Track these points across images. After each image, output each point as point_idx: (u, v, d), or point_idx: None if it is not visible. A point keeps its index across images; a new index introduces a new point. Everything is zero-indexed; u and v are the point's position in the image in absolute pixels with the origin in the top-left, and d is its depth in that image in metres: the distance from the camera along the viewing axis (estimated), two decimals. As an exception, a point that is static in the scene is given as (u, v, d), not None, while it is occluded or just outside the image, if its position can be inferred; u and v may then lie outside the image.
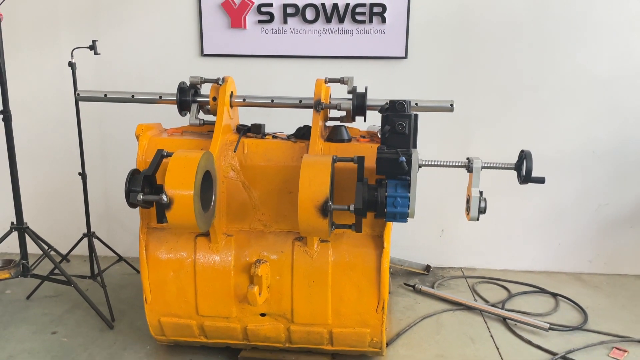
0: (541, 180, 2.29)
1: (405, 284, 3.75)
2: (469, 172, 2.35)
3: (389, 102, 2.37)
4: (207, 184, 2.34)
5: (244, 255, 2.58)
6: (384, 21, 3.67)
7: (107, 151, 4.08)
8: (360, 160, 2.31)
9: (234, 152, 2.59)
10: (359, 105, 2.69)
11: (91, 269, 3.51)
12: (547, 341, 3.04)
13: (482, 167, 2.32)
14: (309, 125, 2.69)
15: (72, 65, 3.24)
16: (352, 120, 2.79)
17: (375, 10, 3.65)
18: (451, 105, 2.77)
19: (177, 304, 2.63)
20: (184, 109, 2.77)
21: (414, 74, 3.76)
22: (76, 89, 3.23)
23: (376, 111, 2.60)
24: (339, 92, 2.90)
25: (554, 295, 3.64)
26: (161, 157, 2.37)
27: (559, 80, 3.75)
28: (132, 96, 2.80)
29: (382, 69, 3.77)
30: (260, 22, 3.75)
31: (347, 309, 2.58)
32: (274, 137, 2.73)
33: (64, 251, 3.76)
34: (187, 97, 2.74)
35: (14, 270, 3.15)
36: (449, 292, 3.61)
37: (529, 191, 3.78)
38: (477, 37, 3.72)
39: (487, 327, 3.21)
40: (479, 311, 3.39)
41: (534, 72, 3.74)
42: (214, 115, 2.71)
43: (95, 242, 3.52)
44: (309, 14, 3.71)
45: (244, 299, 2.56)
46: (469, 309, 3.42)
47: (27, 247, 3.21)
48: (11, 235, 3.21)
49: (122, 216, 4.17)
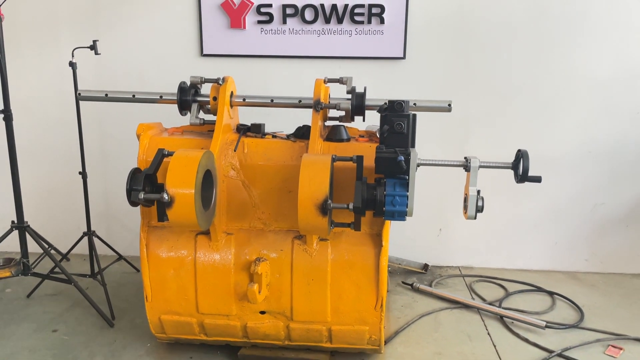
0: (538, 179, 2.32)
1: (403, 283, 3.78)
2: (466, 171, 2.37)
3: (387, 102, 2.39)
4: (207, 182, 2.36)
5: (244, 253, 2.60)
6: (382, 22, 3.69)
7: (106, 151, 4.09)
8: (359, 159, 2.33)
9: (234, 151, 2.61)
10: (358, 105, 2.71)
11: (91, 267, 3.53)
12: (543, 339, 3.07)
13: (480, 167, 2.34)
14: (309, 125, 2.71)
15: (72, 65, 3.25)
16: (351, 120, 2.81)
17: (373, 11, 3.68)
18: (449, 105, 2.79)
19: (178, 301, 2.65)
20: (184, 108, 2.79)
21: (412, 74, 3.79)
22: (77, 88, 3.25)
23: (375, 111, 2.63)
24: (338, 92, 2.92)
25: (551, 293, 3.67)
26: (162, 156, 2.39)
27: (556, 81, 3.77)
28: (133, 96, 2.82)
29: (380, 69, 3.80)
30: (259, 22, 3.77)
31: (346, 307, 2.60)
32: (274, 136, 2.75)
33: (63, 250, 3.77)
34: (188, 96, 2.76)
35: (15, 268, 3.17)
36: (446, 291, 3.64)
37: (526, 191, 3.83)
38: (475, 38, 3.75)
39: (485, 325, 3.23)
40: (476, 309, 3.42)
41: (532, 73, 3.77)
42: (214, 114, 2.73)
43: (95, 240, 3.54)
44: (308, 15, 3.73)
45: (243, 297, 2.58)
46: (467, 307, 3.45)
47: (27, 246, 3.22)
48: (11, 234, 3.22)
49: (122, 215, 4.19)
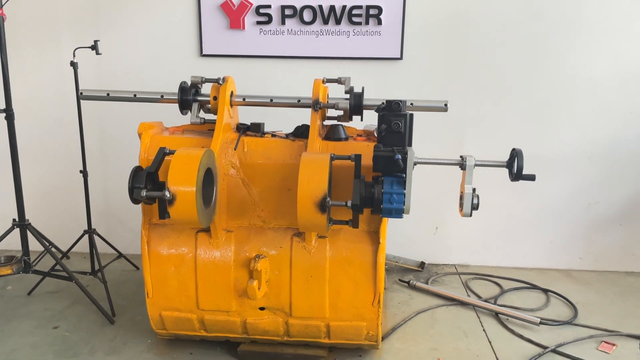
0: (532, 177, 2.37)
1: (400, 280, 3.82)
2: (462, 169, 2.41)
3: (385, 102, 2.44)
4: (208, 180, 2.40)
5: (243, 250, 2.64)
6: (379, 23, 3.74)
7: (106, 150, 4.12)
8: (357, 158, 2.38)
9: (234, 150, 2.65)
10: (356, 104, 2.75)
11: (92, 265, 3.56)
12: (538, 335, 3.12)
13: (475, 165, 2.39)
14: (307, 124, 2.75)
15: (74, 64, 3.29)
16: (349, 119, 2.86)
17: (371, 12, 3.72)
18: (445, 105, 2.84)
19: (178, 298, 2.69)
20: (185, 108, 2.83)
21: (409, 74, 3.83)
22: (78, 88, 3.28)
23: (372, 110, 2.67)
24: (336, 92, 2.96)
25: (545, 291, 3.73)
26: (163, 154, 2.43)
27: (550, 82, 3.82)
28: (135, 95, 2.85)
29: (378, 70, 3.84)
30: (258, 23, 3.81)
31: (344, 303, 2.64)
32: (273, 135, 2.79)
33: (63, 248, 3.80)
34: (189, 96, 2.80)
35: (16, 266, 3.19)
36: (443, 288, 3.69)
37: (521, 190, 3.89)
38: (471, 39, 3.79)
39: (480, 322, 3.28)
40: (472, 306, 3.47)
41: (527, 73, 3.82)
42: (215, 114, 2.77)
43: (95, 239, 3.57)
44: (307, 16, 3.77)
45: (243, 293, 2.62)
46: (463, 304, 3.50)
47: (28, 244, 3.25)
48: (11, 232, 3.24)
49: (122, 214, 4.22)
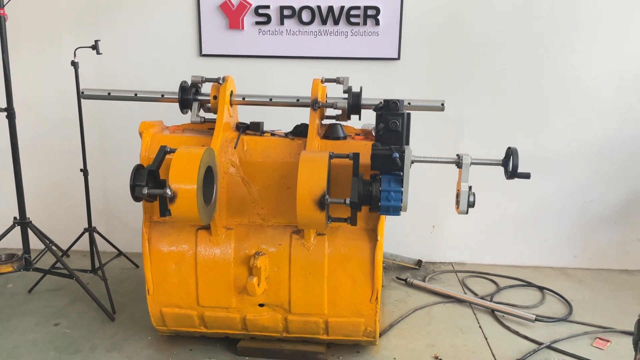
0: (527, 175, 2.41)
1: (397, 278, 3.86)
2: (458, 167, 2.45)
3: (383, 101, 2.47)
4: (208, 178, 2.44)
5: (243, 247, 2.68)
6: (377, 23, 3.78)
7: (105, 149, 4.15)
8: (355, 156, 2.42)
9: (234, 148, 2.69)
10: (354, 104, 2.79)
11: (92, 263, 3.59)
12: (533, 332, 3.16)
13: (471, 163, 2.43)
14: (306, 123, 2.79)
15: (74, 64, 3.31)
16: (348, 118, 2.89)
17: (369, 12, 3.76)
18: (442, 104, 2.88)
19: (179, 294, 2.72)
20: (185, 107, 2.86)
21: (406, 74, 3.87)
22: (79, 87, 3.31)
23: (370, 110, 2.71)
24: (334, 92, 2.99)
25: (541, 288, 3.77)
26: (164, 153, 2.47)
27: (547, 82, 3.87)
28: (135, 94, 2.88)
29: (375, 70, 3.88)
30: (257, 23, 3.84)
31: (342, 300, 2.68)
32: (272, 134, 2.82)
33: (63, 247, 3.83)
34: (189, 95, 2.83)
35: (17, 264, 3.22)
36: (439, 286, 3.73)
37: (517, 189, 3.94)
38: (467, 39, 3.83)
39: (476, 319, 3.32)
40: (468, 303, 3.51)
41: (523, 74, 3.86)
42: (215, 113, 2.80)
43: (95, 237, 3.59)
44: (305, 16, 3.81)
45: (243, 290, 2.66)
46: (459, 301, 3.54)
47: (29, 242, 3.28)
48: (11, 231, 3.27)
49: (121, 212, 4.25)
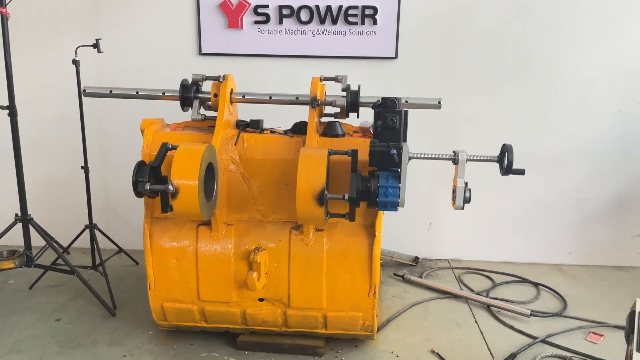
0: (521, 171, 2.46)
1: (394, 274, 3.91)
2: (454, 164, 2.50)
3: (381, 99, 2.52)
4: (209, 175, 2.48)
5: (243, 243, 2.72)
6: (375, 23, 3.82)
7: (105, 147, 4.18)
8: (354, 153, 2.46)
9: (234, 145, 2.73)
10: (353, 102, 2.84)
11: (92, 259, 3.62)
12: (528, 326, 3.21)
13: (467, 160, 2.48)
14: (305, 120, 2.83)
15: (76, 62, 3.35)
16: (346, 116, 2.93)
17: (367, 12, 3.81)
18: (439, 102, 2.93)
19: (180, 289, 2.76)
20: (186, 104, 2.90)
21: (403, 73, 3.92)
22: (80, 85, 3.35)
23: (368, 108, 2.76)
24: (333, 90, 3.03)
25: (536, 284, 3.82)
26: (166, 149, 2.51)
27: (541, 81, 3.92)
28: (137, 92, 2.92)
29: (373, 69, 3.92)
30: (256, 22, 3.89)
31: (340, 294, 2.72)
32: (272, 132, 2.87)
33: (62, 244, 3.86)
34: (190, 93, 2.87)
35: (19, 260, 3.26)
36: (436, 282, 3.78)
37: (512, 187, 4.00)
38: (464, 39, 3.88)
39: (472, 314, 3.37)
40: (464, 299, 3.56)
41: (517, 72, 3.92)
42: (215, 111, 2.84)
43: (95, 234, 3.63)
44: (304, 15, 3.85)
45: (243, 285, 2.70)
46: (455, 297, 3.59)
47: (30, 238, 3.31)
48: (13, 227, 3.29)
49: (121, 210, 4.29)
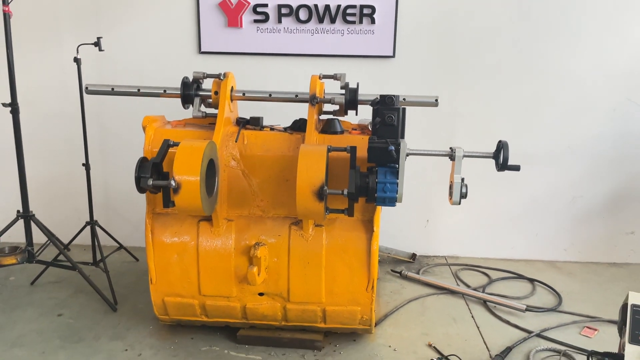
0: (516, 167, 2.51)
1: (392, 271, 3.96)
2: (451, 160, 2.55)
3: (379, 97, 2.57)
4: (211, 171, 2.52)
5: (243, 238, 2.76)
6: (373, 22, 3.87)
7: (105, 144, 4.21)
8: (352, 149, 2.51)
9: (235, 142, 2.77)
10: (351, 99, 2.88)
11: (93, 255, 3.65)
12: (524, 321, 3.26)
13: (464, 156, 2.52)
14: (304, 118, 2.88)
15: (77, 60, 3.37)
16: (345, 114, 2.98)
17: (365, 11, 3.85)
18: (436, 100, 2.98)
19: (181, 284, 2.80)
20: (187, 102, 2.94)
21: (401, 72, 3.96)
22: (82, 83, 3.38)
23: (366, 105, 2.81)
24: (331, 88, 3.07)
25: (531, 280, 3.88)
26: (167, 146, 2.55)
27: (537, 80, 3.96)
28: (138, 90, 2.96)
29: (371, 67, 3.96)
30: (255, 21, 3.92)
31: (339, 289, 2.77)
32: (272, 129, 2.91)
33: (62, 240, 3.89)
34: (191, 91, 2.91)
35: (20, 256, 3.29)
36: (433, 278, 3.82)
37: (509, 185, 4.05)
38: (460, 38, 3.93)
39: (469, 309, 3.42)
40: (461, 295, 3.61)
41: (514, 71, 3.96)
42: (215, 108, 2.89)
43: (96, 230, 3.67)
44: (302, 15, 3.89)
45: (243, 279, 2.74)
46: (452, 292, 3.64)
47: (35, 234, 3.34)
48: (15, 223, 3.33)
49: (121, 207, 4.31)
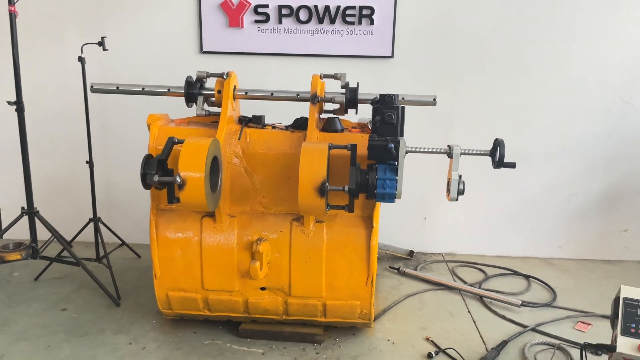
0: (512, 165, 2.57)
1: (390, 267, 4.02)
2: (449, 157, 2.61)
3: (379, 96, 2.63)
4: (214, 168, 2.58)
5: (246, 234, 2.82)
6: (372, 23, 3.93)
7: (107, 143, 4.26)
8: (353, 147, 2.57)
9: (238, 140, 2.83)
10: (352, 99, 2.95)
11: (96, 252, 3.71)
12: (519, 316, 3.33)
13: (461, 154, 2.59)
14: (305, 117, 2.94)
15: (81, 60, 3.43)
16: (345, 112, 3.05)
17: (364, 12, 3.91)
18: (434, 100, 3.04)
19: (184, 279, 2.86)
20: (190, 100, 3.00)
21: (400, 72, 4.03)
22: (86, 82, 3.44)
23: (366, 105, 2.87)
24: (331, 87, 3.13)
25: (527, 277, 3.95)
26: (172, 143, 2.60)
27: (533, 80, 4.04)
28: (143, 89, 3.02)
29: (370, 67, 4.03)
30: (256, 22, 3.99)
31: (339, 283, 2.83)
32: (273, 127, 2.97)
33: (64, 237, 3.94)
34: (194, 90, 2.97)
35: (25, 252, 3.34)
36: (430, 274, 3.89)
37: (505, 183, 4.12)
38: (457, 39, 4.00)
39: (466, 304, 3.49)
40: (458, 290, 3.68)
41: (510, 72, 4.03)
42: (218, 107, 2.95)
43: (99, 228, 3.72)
44: (303, 15, 3.96)
45: (246, 274, 2.81)
46: (449, 288, 3.71)
47: (37, 231, 3.39)
48: (19, 219, 3.38)
49: (122, 204, 4.37)
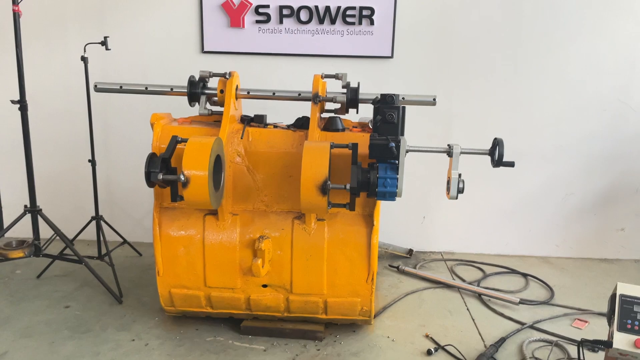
0: (511, 164, 2.61)
1: (390, 266, 4.06)
2: (449, 156, 2.65)
3: (380, 95, 2.67)
4: (217, 166, 2.61)
5: (248, 232, 2.86)
6: (372, 23, 3.97)
7: (109, 142, 4.29)
8: (354, 146, 2.61)
9: (240, 139, 2.86)
10: (353, 98, 2.98)
11: (98, 249, 3.74)
12: (517, 313, 3.37)
13: (461, 152, 2.63)
14: (307, 116, 2.97)
15: (84, 59, 3.45)
16: (346, 112, 3.08)
17: (364, 13, 3.95)
18: (434, 99, 3.07)
19: (187, 276, 2.89)
20: (193, 100, 3.03)
21: (399, 72, 4.07)
22: (89, 82, 3.46)
23: (367, 104, 2.91)
24: (332, 87, 3.16)
25: (524, 275, 3.99)
26: (176, 142, 2.64)
27: (531, 80, 4.08)
28: (146, 88, 3.05)
29: (370, 67, 4.06)
30: (257, 22, 4.02)
31: (340, 281, 2.87)
32: (275, 126, 3.01)
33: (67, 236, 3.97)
34: (197, 89, 3.00)
35: (28, 249, 3.37)
36: (429, 273, 3.93)
37: (503, 182, 4.17)
38: (456, 39, 4.04)
39: (464, 302, 3.53)
40: (456, 288, 3.72)
41: (508, 71, 4.08)
42: (221, 106, 2.98)
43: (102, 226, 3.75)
44: (303, 16, 3.99)
45: (248, 272, 2.84)
46: (448, 286, 3.75)
47: (39, 229, 3.42)
48: (22, 217, 3.40)
49: (123, 203, 4.40)
